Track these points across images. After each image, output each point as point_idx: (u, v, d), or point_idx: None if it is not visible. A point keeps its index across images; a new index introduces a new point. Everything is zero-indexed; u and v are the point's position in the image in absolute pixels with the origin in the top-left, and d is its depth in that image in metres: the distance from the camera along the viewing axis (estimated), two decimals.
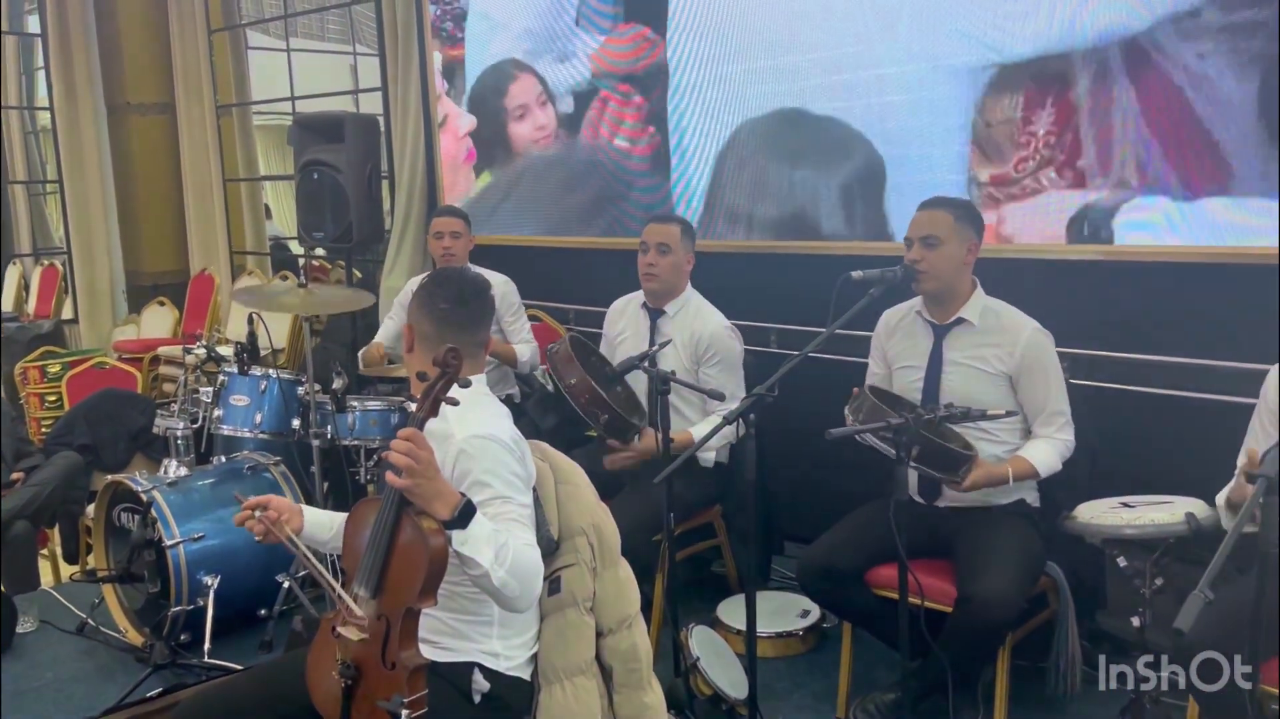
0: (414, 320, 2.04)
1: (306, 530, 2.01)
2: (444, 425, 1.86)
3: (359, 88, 7.64)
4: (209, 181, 7.08)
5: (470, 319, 2.02)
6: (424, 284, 2.07)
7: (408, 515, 1.75)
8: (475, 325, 2.03)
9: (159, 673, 3.08)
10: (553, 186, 4.65)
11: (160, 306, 7.11)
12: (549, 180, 4.66)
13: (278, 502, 1.98)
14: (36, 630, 3.52)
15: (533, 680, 2.02)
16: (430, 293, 2.03)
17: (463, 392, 1.81)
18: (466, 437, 1.86)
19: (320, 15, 10.84)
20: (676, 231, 3.26)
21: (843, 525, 2.79)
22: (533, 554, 1.80)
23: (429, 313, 2.01)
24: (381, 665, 1.76)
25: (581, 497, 2.09)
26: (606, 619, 2.07)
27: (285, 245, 8.59)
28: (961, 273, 2.67)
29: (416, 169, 5.23)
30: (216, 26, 6.94)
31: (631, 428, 3.00)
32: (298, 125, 5.34)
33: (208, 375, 3.83)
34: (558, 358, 3.00)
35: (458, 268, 3.60)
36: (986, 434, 2.65)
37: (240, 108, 7.11)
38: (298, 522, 1.99)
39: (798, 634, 3.24)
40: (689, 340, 3.24)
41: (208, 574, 3.22)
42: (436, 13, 5.00)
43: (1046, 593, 2.73)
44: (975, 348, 2.67)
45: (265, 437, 3.66)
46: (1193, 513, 2.35)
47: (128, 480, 3.37)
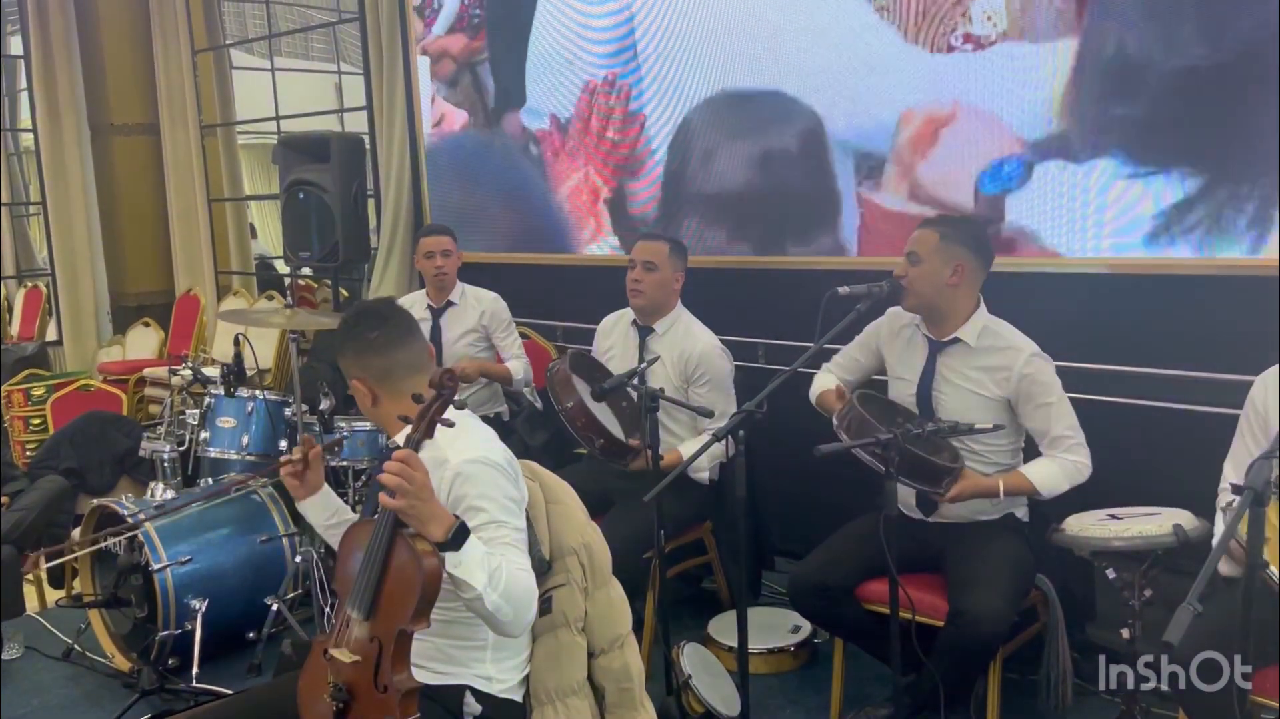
0: (359, 370, 1.98)
1: (319, 500, 2.14)
2: (437, 450, 1.85)
3: (344, 107, 7.65)
4: (194, 202, 7.06)
5: (405, 331, 2.01)
6: (342, 334, 2.02)
7: (402, 537, 1.75)
8: (413, 334, 2.02)
9: (147, 698, 3.05)
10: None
11: (145, 328, 7.07)
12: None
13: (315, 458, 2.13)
14: (22, 657, 3.48)
15: (525, 702, 2.01)
16: (354, 334, 1.99)
17: (455, 416, 1.80)
18: (462, 461, 1.85)
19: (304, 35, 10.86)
20: (664, 249, 3.26)
21: (834, 541, 2.79)
22: (526, 579, 1.80)
23: (367, 350, 1.97)
24: (374, 688, 1.75)
25: (572, 516, 2.09)
26: (598, 639, 2.07)
27: (271, 265, 8.57)
28: (947, 293, 2.64)
29: (402, 188, 5.23)
30: (200, 47, 6.94)
31: (628, 450, 2.99)
32: (282, 145, 5.34)
33: (194, 397, 3.82)
34: (556, 379, 2.99)
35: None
36: (977, 455, 2.64)
37: (225, 128, 7.10)
38: (318, 478, 2.13)
39: (789, 650, 3.23)
40: (678, 359, 3.24)
41: (195, 597, 3.20)
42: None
43: (1036, 606, 2.74)
44: (971, 369, 2.66)
45: (252, 458, 3.65)
46: (1180, 524, 2.36)
47: (114, 504, 3.34)
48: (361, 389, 1.99)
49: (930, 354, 2.72)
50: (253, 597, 3.33)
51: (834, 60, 3.57)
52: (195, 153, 6.98)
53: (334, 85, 10.17)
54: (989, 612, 2.41)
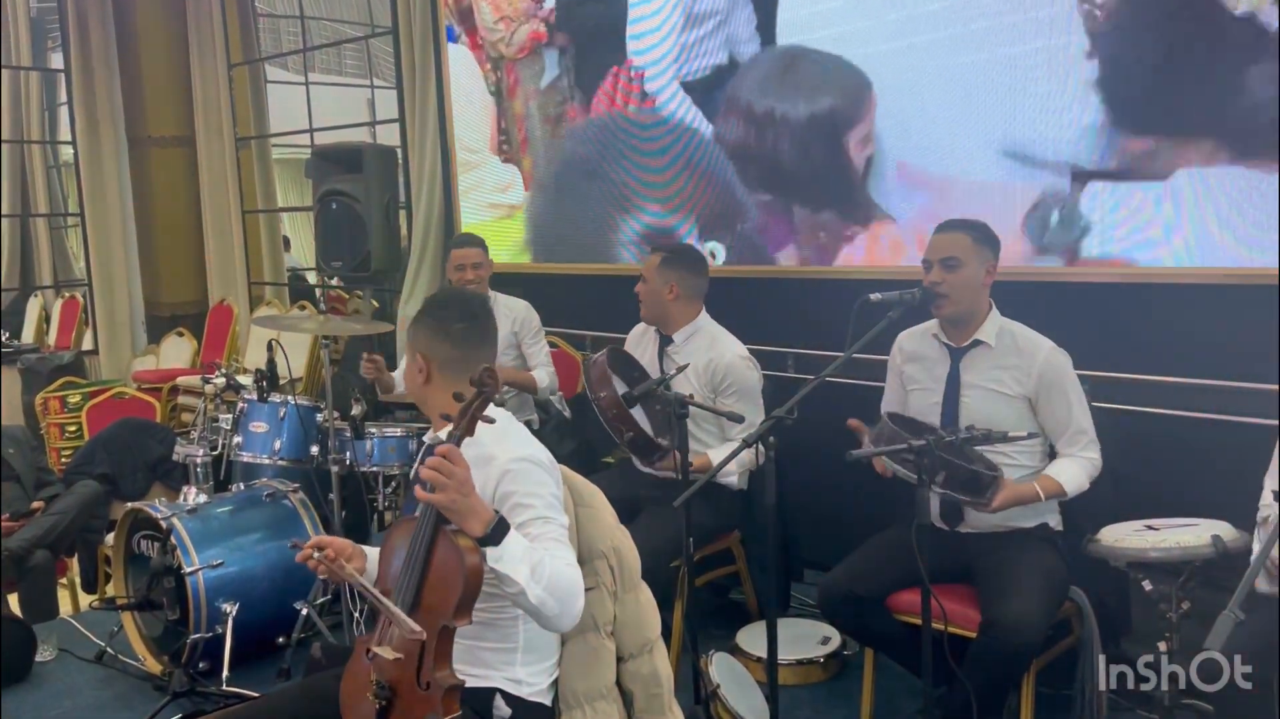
0: (427, 349, 2.01)
1: (370, 570, 2.01)
2: (482, 448, 1.86)
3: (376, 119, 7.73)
4: (228, 213, 7.15)
5: (486, 334, 2.03)
6: (429, 310, 2.05)
7: (444, 533, 1.76)
8: (490, 340, 2.04)
9: (177, 701, 3.07)
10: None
11: (179, 337, 7.16)
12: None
13: (338, 543, 1.98)
14: (55, 659, 3.51)
15: (554, 706, 2.00)
16: (439, 317, 2.01)
17: (496, 414, 1.81)
18: (509, 458, 1.87)
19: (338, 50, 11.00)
20: (655, 261, 3.27)
21: (864, 551, 2.77)
22: (572, 573, 1.79)
23: (445, 337, 1.99)
24: (416, 686, 1.75)
25: (601, 519, 2.08)
26: (627, 643, 2.06)
27: (303, 276, 8.66)
28: (980, 295, 2.66)
29: (434, 199, 5.28)
30: (236, 61, 7.04)
31: (657, 448, 2.99)
32: (316, 156, 5.39)
33: (227, 404, 3.84)
34: (593, 370, 3.01)
35: (455, 289, 3.61)
36: (1006, 457, 2.62)
37: (259, 140, 7.19)
38: (360, 562, 2.00)
39: (819, 661, 3.21)
40: (705, 369, 3.23)
41: (226, 601, 3.22)
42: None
43: (1070, 619, 2.70)
44: (993, 370, 2.66)
45: (284, 463, 3.67)
46: (1219, 535, 2.32)
47: (147, 508, 3.37)
48: (419, 365, 2.01)
49: (953, 361, 2.71)
50: (283, 601, 3.35)
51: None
52: (230, 165, 7.07)
53: (366, 100, 10.29)
54: (1023, 621, 2.38)
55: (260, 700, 2.28)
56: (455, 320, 2.00)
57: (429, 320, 2.02)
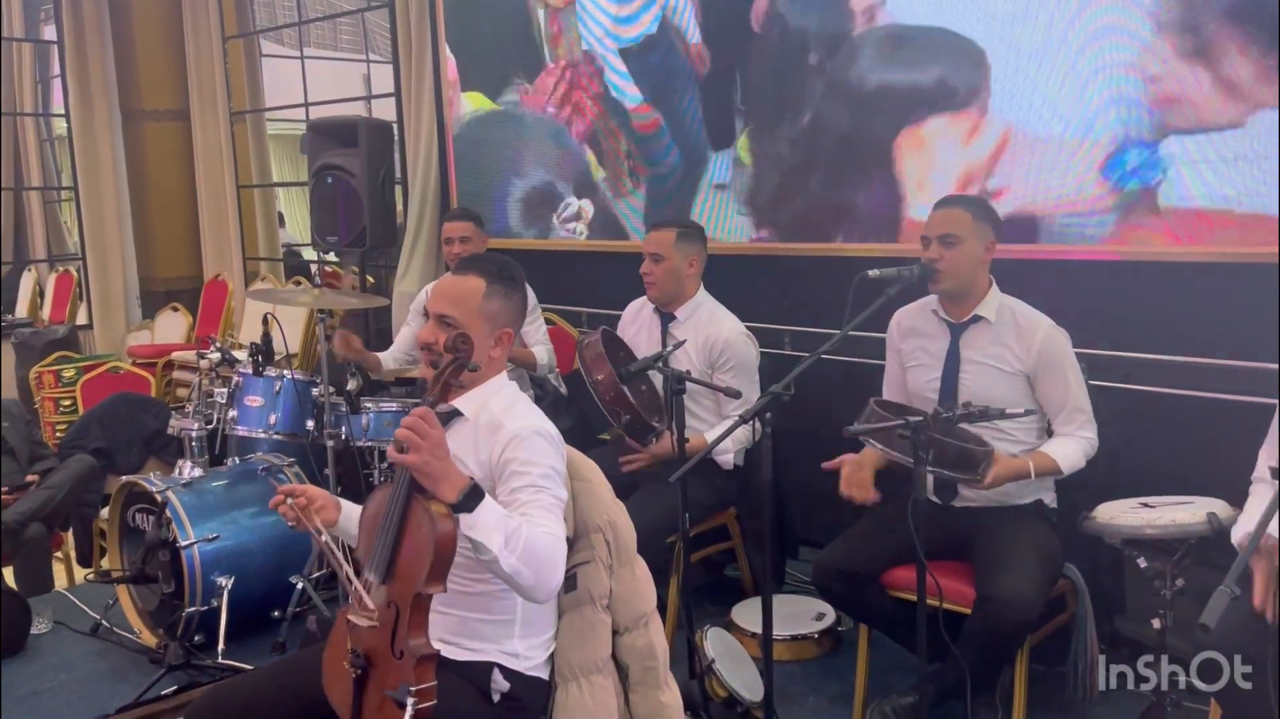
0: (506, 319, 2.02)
1: (341, 524, 2.02)
2: (494, 416, 1.90)
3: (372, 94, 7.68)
4: (223, 188, 7.11)
5: (519, 313, 2.09)
6: (499, 278, 2.02)
7: (417, 499, 1.76)
8: (516, 327, 2.09)
9: (173, 674, 3.07)
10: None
11: (174, 312, 7.13)
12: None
13: (313, 491, 1.98)
14: (50, 632, 3.52)
15: (550, 679, 2.00)
16: (501, 276, 2.02)
17: (508, 387, 1.84)
18: (518, 427, 1.88)
19: (333, 25, 10.93)
20: (670, 238, 3.25)
21: (859, 527, 2.78)
22: (549, 542, 1.77)
23: (500, 298, 2.01)
24: (391, 654, 1.75)
25: (597, 493, 2.08)
26: (623, 617, 2.06)
27: (298, 252, 8.63)
28: (979, 271, 2.66)
29: (430, 173, 5.24)
30: (231, 34, 6.98)
31: (651, 429, 2.99)
32: (311, 130, 5.36)
33: (222, 378, 3.82)
34: (587, 352, 2.99)
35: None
36: (1003, 434, 2.62)
37: (254, 115, 7.14)
38: (333, 514, 2.00)
39: (813, 637, 3.22)
40: (703, 345, 3.23)
41: (222, 575, 3.22)
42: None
43: (1065, 595, 2.71)
44: (992, 346, 2.66)
45: (279, 438, 3.65)
46: (1214, 513, 2.32)
47: (142, 481, 3.37)
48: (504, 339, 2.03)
49: (952, 337, 2.70)
50: (278, 575, 3.35)
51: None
52: (225, 139, 7.02)
53: (362, 75, 10.23)
54: (1018, 597, 2.39)
55: (254, 671, 2.27)
56: (516, 290, 2.06)
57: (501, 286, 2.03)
